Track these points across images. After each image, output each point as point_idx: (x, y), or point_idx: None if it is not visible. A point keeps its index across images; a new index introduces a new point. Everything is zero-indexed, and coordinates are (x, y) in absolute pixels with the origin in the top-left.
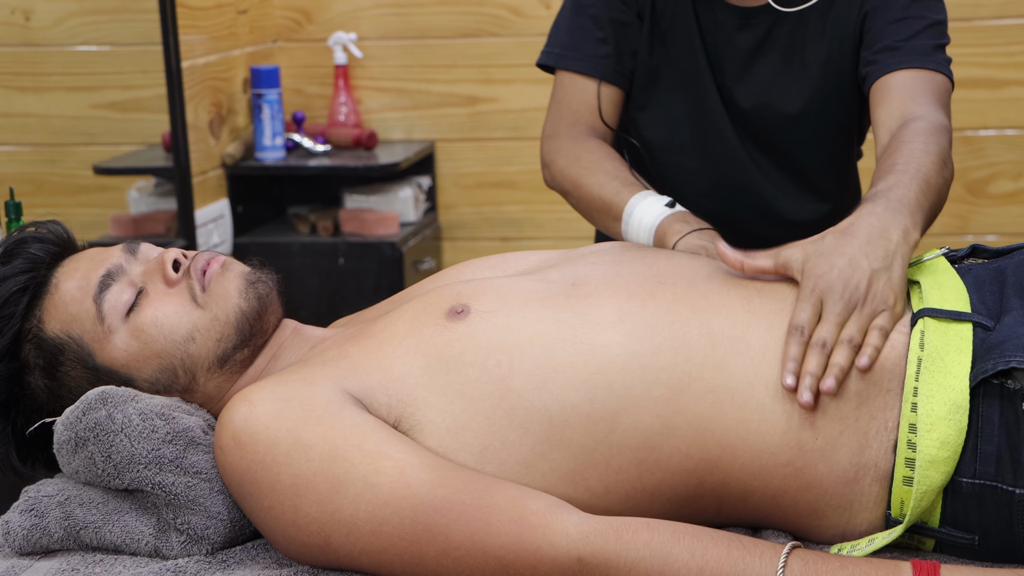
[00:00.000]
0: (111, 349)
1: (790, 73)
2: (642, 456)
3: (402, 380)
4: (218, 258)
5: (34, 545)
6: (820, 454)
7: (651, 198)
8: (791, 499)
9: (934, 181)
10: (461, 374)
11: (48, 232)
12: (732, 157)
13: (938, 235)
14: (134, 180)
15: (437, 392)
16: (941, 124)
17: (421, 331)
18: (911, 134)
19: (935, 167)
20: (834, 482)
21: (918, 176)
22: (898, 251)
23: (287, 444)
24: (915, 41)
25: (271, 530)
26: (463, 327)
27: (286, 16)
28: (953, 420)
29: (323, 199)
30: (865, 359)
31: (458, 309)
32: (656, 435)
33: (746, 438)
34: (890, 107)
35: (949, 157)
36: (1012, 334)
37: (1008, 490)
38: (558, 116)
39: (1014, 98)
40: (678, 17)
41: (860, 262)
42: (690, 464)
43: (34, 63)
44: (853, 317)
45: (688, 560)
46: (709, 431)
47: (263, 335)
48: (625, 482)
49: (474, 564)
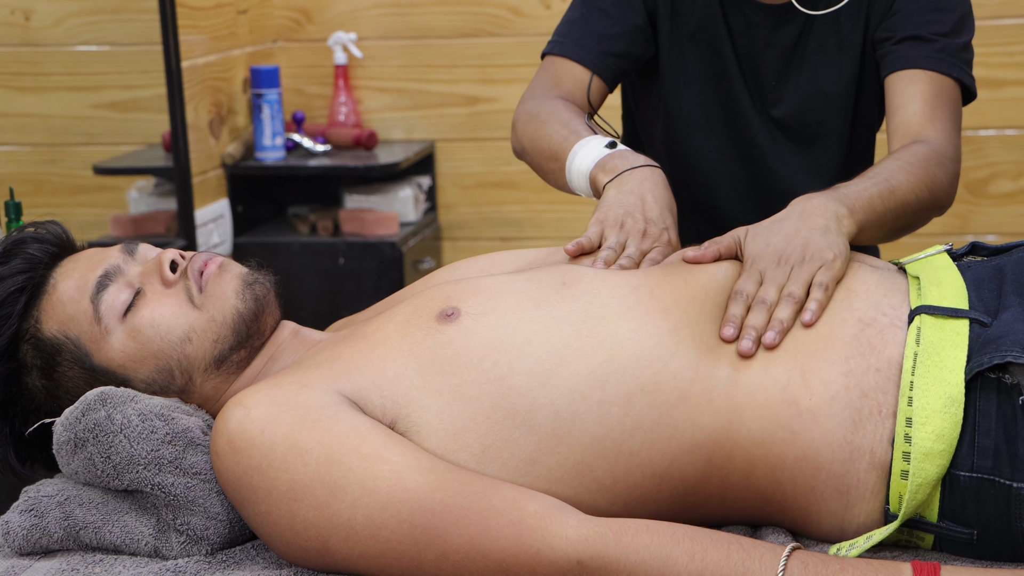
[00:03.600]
0: (108, 350)
1: (831, 57)
2: (655, 436)
3: (396, 382)
4: (215, 259)
5: (34, 545)
6: (813, 417)
7: (593, 142)
8: (789, 473)
9: (901, 194)
10: (457, 376)
11: (46, 232)
12: (764, 164)
13: (938, 235)
14: (134, 180)
15: (432, 394)
16: (945, 154)
17: (413, 334)
18: (908, 154)
19: (909, 185)
20: (829, 458)
21: (882, 184)
22: (830, 224)
23: (283, 449)
24: (948, 39)
25: (269, 535)
26: (454, 330)
27: (286, 16)
28: (948, 413)
29: (323, 199)
30: (808, 314)
31: (448, 312)
32: (672, 408)
33: (753, 394)
34: (908, 119)
35: (938, 185)
36: (1009, 330)
37: (1006, 484)
38: (535, 85)
39: (1014, 98)
40: (706, 21)
41: (793, 236)
42: (700, 436)
43: (34, 63)
44: (792, 275)
45: (688, 563)
46: (724, 394)
47: (260, 337)
48: (635, 468)
49: (473, 567)
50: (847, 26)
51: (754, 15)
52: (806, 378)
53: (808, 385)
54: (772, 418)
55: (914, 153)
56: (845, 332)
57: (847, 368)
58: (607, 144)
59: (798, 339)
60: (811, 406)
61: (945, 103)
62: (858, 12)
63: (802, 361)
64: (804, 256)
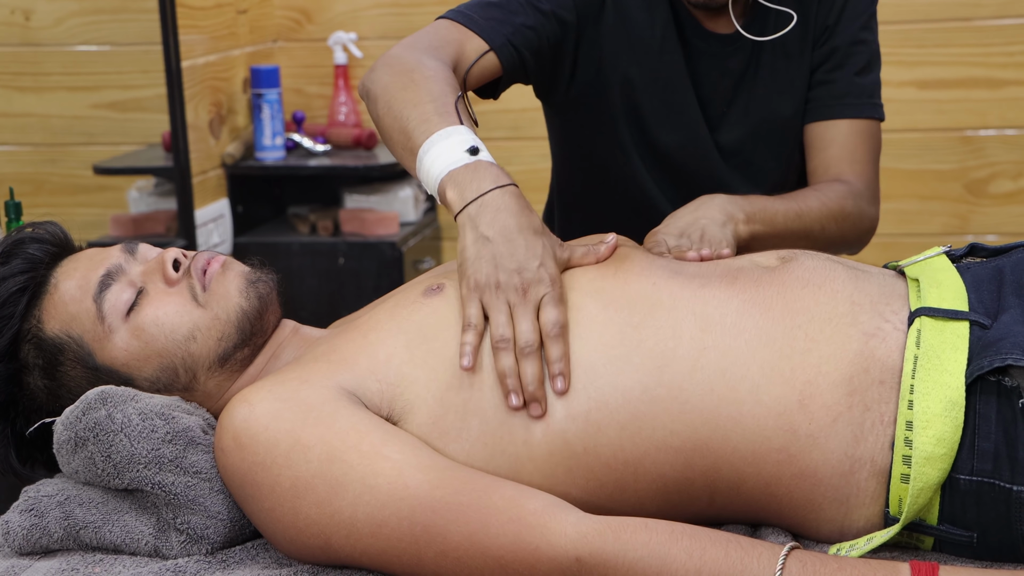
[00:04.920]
0: (111, 349)
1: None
2: (622, 420)
3: (388, 362)
4: (218, 258)
5: (34, 545)
6: (813, 441)
7: (454, 138)
8: (786, 488)
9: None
10: (439, 339)
11: (46, 232)
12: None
13: (938, 235)
14: (134, 180)
15: (419, 365)
16: (861, 194)
17: (400, 312)
18: (826, 187)
19: (818, 212)
20: (829, 473)
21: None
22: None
23: (286, 445)
24: (861, 78)
25: (272, 531)
26: (439, 300)
27: (286, 16)
28: (949, 417)
29: (323, 199)
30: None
31: (434, 287)
32: (636, 400)
33: (738, 419)
34: (827, 162)
35: (849, 221)
36: (1009, 332)
37: (1006, 487)
38: (420, 37)
39: (1014, 98)
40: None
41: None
42: (676, 441)
43: (34, 63)
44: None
45: (686, 561)
46: (696, 409)
47: (263, 334)
48: (605, 446)
49: (473, 564)
50: (796, 52)
51: (707, 44)
52: (805, 405)
53: (808, 411)
54: (765, 443)
55: (831, 188)
56: (850, 349)
57: (851, 388)
58: (468, 149)
59: (796, 366)
60: (811, 431)
61: (863, 143)
62: (805, 38)
63: (800, 388)
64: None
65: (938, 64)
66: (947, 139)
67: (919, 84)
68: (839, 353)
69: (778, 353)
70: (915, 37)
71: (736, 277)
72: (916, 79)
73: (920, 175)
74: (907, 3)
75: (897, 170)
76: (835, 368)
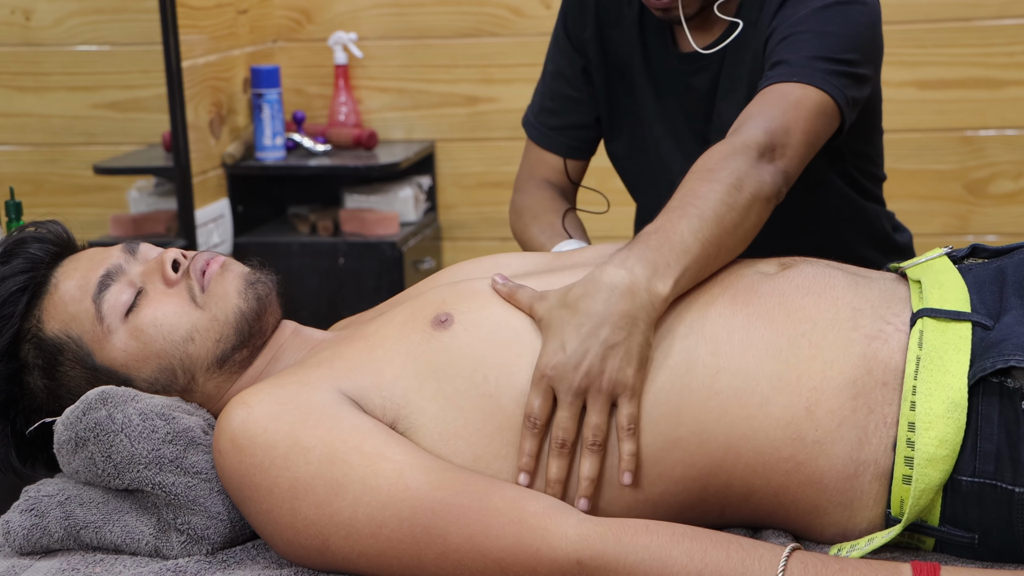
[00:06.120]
0: (110, 349)
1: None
2: (643, 471)
3: (395, 383)
4: (217, 258)
5: (34, 545)
6: (819, 447)
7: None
8: (792, 496)
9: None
10: (450, 384)
11: (47, 232)
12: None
13: (938, 235)
14: (134, 180)
15: (429, 398)
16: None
17: (410, 336)
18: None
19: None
20: (834, 478)
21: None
22: (641, 313)
23: (285, 447)
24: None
25: (270, 533)
26: (448, 338)
27: (286, 16)
28: (951, 418)
29: (323, 199)
30: (627, 476)
31: (442, 318)
32: (659, 451)
33: (749, 435)
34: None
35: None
36: (1011, 333)
37: (1008, 488)
38: (523, 167)
39: (1014, 98)
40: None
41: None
42: (693, 472)
43: (34, 63)
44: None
45: (687, 563)
46: (713, 437)
47: (262, 336)
48: (626, 495)
49: (473, 566)
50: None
51: (674, 63)
52: (812, 411)
53: (814, 417)
54: (774, 453)
55: (709, 158)
56: (853, 352)
57: (855, 391)
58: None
59: (802, 374)
60: (817, 437)
61: (779, 101)
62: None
63: (807, 395)
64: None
65: (938, 64)
66: (947, 139)
67: (919, 84)
68: (842, 356)
69: (784, 363)
70: (915, 37)
71: (737, 288)
72: (916, 79)
73: (920, 175)
74: (907, 3)
75: (897, 170)
76: (839, 372)
